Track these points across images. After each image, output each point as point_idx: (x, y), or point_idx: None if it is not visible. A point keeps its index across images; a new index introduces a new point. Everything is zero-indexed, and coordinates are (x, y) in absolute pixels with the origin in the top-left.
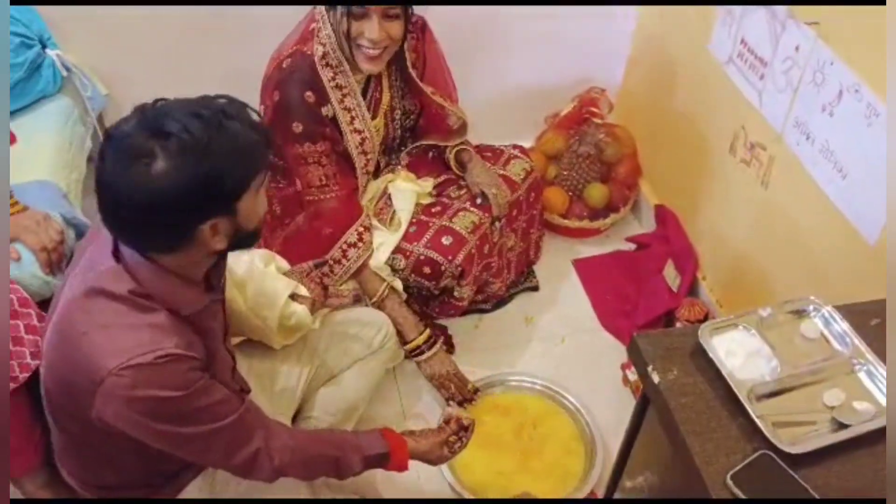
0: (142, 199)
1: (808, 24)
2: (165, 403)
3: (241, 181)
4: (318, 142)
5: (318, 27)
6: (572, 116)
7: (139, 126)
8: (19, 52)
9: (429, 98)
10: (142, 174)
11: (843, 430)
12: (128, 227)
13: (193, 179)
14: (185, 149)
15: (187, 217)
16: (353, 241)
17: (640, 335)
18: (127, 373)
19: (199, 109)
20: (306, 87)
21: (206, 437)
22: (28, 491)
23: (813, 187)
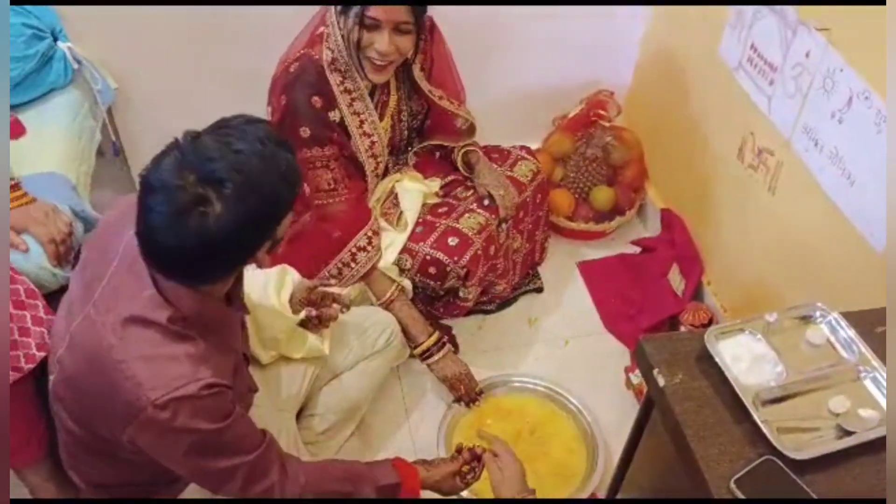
0: (202, 246)
1: (818, 30)
2: (201, 437)
3: (291, 199)
4: (325, 146)
5: (327, 32)
6: (580, 119)
7: (184, 172)
8: (31, 44)
9: (433, 100)
10: (199, 223)
11: (847, 437)
12: (182, 271)
13: (252, 217)
14: (240, 192)
15: (246, 250)
16: (363, 244)
17: (646, 338)
18: (168, 405)
19: (236, 143)
20: (313, 92)
21: (230, 470)
22: (31, 483)
23: (820, 194)
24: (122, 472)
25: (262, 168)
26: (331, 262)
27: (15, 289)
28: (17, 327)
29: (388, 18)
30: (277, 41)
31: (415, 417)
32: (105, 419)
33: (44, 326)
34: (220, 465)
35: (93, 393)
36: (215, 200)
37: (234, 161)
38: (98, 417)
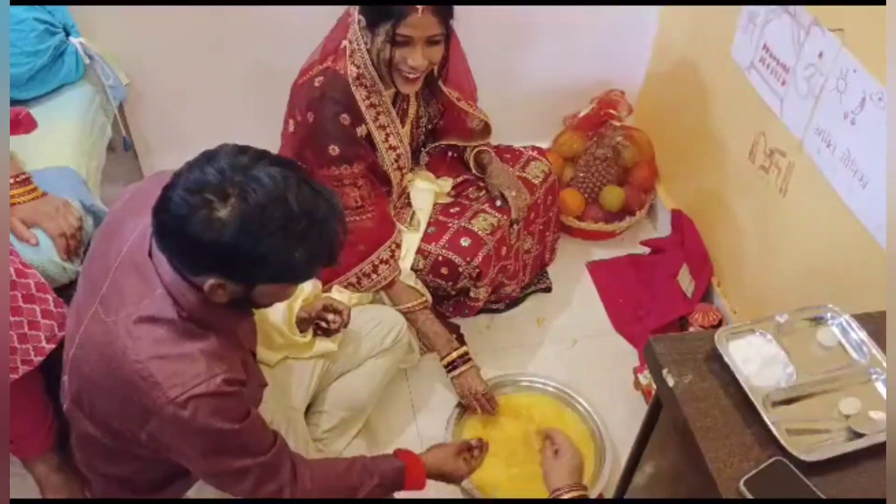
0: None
1: (832, 30)
2: (219, 436)
3: (276, 277)
4: (354, 163)
5: (351, 48)
6: (591, 118)
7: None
8: (43, 39)
9: (452, 101)
10: (207, 213)
11: (858, 439)
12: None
13: (249, 239)
14: (250, 208)
15: (205, 264)
16: (386, 257)
17: (656, 338)
18: (188, 403)
19: (287, 189)
20: (341, 109)
21: (243, 470)
22: (39, 473)
23: (832, 195)
24: (135, 468)
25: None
26: (350, 271)
27: (25, 283)
28: (27, 320)
29: (420, 35)
30: (289, 39)
31: (422, 417)
32: (122, 418)
33: (53, 320)
34: (235, 465)
35: (110, 393)
36: (230, 203)
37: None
38: (115, 416)
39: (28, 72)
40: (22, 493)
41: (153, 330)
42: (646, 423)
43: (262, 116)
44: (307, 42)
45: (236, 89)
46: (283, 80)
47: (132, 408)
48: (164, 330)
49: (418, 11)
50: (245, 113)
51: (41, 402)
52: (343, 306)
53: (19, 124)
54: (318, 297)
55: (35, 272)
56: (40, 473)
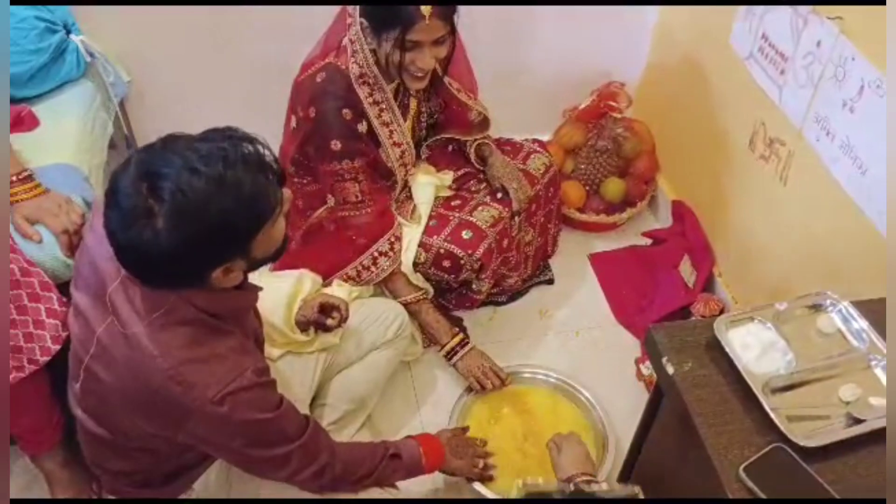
0: (147, 254)
1: (830, 18)
2: (259, 426)
3: (251, 227)
4: (355, 158)
5: (354, 48)
6: (591, 110)
7: (137, 180)
8: (44, 37)
9: (452, 94)
10: (143, 233)
11: (857, 424)
12: (144, 276)
13: (193, 237)
14: (179, 211)
15: (195, 267)
16: (385, 249)
17: (656, 327)
18: (225, 400)
19: (197, 163)
20: (343, 104)
21: (286, 456)
22: (46, 469)
23: (832, 184)
24: (142, 464)
25: (212, 193)
26: (350, 265)
27: (29, 281)
28: (32, 320)
29: (428, 38)
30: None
31: (425, 410)
32: (154, 422)
33: (58, 319)
34: (277, 453)
35: (136, 402)
36: (158, 215)
37: (183, 181)
38: (140, 422)
39: (29, 70)
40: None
41: (177, 335)
42: (647, 413)
43: (263, 113)
44: (308, 39)
45: (237, 86)
46: (285, 77)
47: (165, 413)
48: (187, 333)
49: (426, 18)
50: (246, 110)
51: (48, 399)
52: (340, 301)
53: (21, 122)
54: (318, 294)
55: (39, 271)
56: (48, 469)
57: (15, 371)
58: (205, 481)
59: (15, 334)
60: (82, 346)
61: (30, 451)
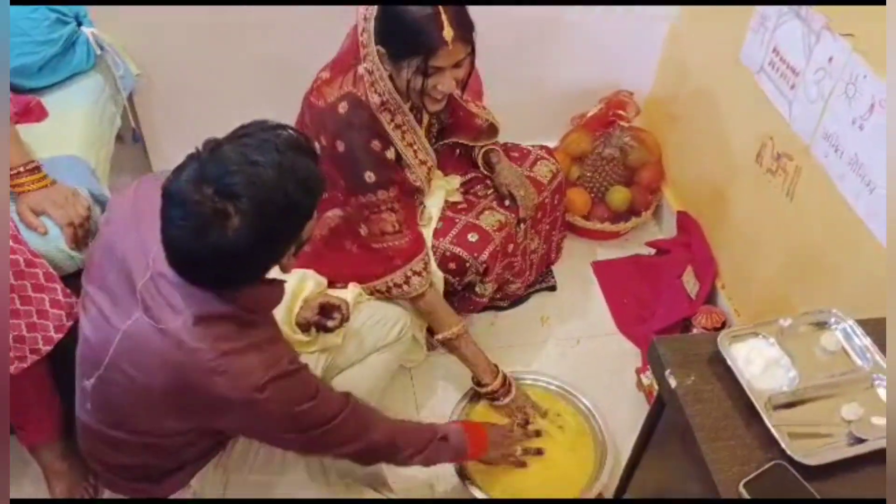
0: (223, 258)
1: (843, 35)
2: (302, 411)
3: (311, 207)
4: (389, 188)
5: (372, 79)
6: (599, 118)
7: (203, 185)
8: (54, 29)
9: (459, 101)
10: (219, 236)
11: (859, 444)
12: (207, 280)
13: (269, 227)
14: (256, 203)
15: (269, 258)
16: (419, 269)
17: (659, 339)
18: (266, 387)
19: (254, 156)
20: (371, 135)
21: (326, 435)
22: (45, 460)
23: (839, 200)
24: (150, 459)
25: (278, 180)
26: (380, 279)
27: (34, 272)
28: (35, 310)
29: (451, 62)
30: (300, 31)
31: (425, 414)
32: (190, 415)
33: (62, 309)
34: (317, 433)
35: (173, 395)
36: (234, 214)
37: (252, 174)
38: (175, 415)
39: (40, 61)
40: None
41: (215, 329)
42: (647, 424)
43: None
44: (318, 35)
45: (246, 82)
46: (294, 73)
47: (204, 405)
48: (225, 326)
49: (448, 44)
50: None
51: (48, 390)
52: (341, 302)
53: (30, 113)
54: (320, 294)
55: (44, 262)
56: (45, 461)
57: (17, 361)
58: (202, 476)
59: (18, 324)
60: (101, 343)
61: (28, 442)
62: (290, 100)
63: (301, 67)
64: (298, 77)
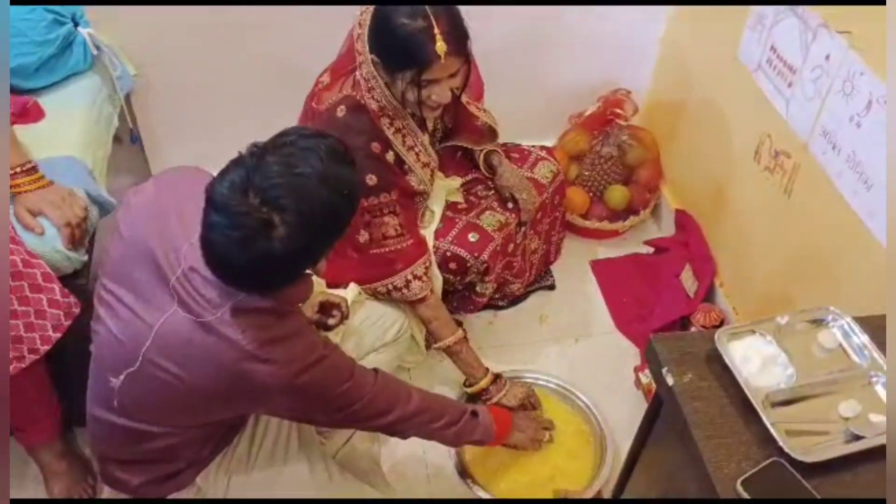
0: (267, 265)
1: (840, 33)
2: (341, 391)
3: (351, 215)
4: (391, 191)
5: (369, 85)
6: (597, 117)
7: (248, 194)
8: (51, 29)
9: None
10: (264, 247)
11: (857, 441)
12: (248, 285)
13: (313, 237)
14: (301, 216)
15: (309, 263)
16: (420, 273)
17: (657, 337)
18: (307, 371)
19: (299, 165)
20: (371, 138)
21: (365, 409)
22: (44, 460)
23: (837, 197)
24: (174, 451)
25: (321, 189)
26: (380, 282)
27: (31, 272)
28: (33, 310)
29: (445, 74)
30: (299, 32)
31: None
32: (232, 404)
33: (60, 309)
34: (354, 409)
35: (216, 386)
36: (279, 225)
37: (297, 184)
38: (218, 405)
39: (37, 61)
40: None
41: (254, 319)
42: (645, 422)
43: (269, 110)
44: (318, 36)
45: (245, 82)
46: (292, 74)
47: (247, 393)
48: (262, 317)
49: (441, 58)
50: (251, 106)
51: (47, 390)
52: (340, 299)
53: (27, 113)
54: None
55: (41, 262)
56: (44, 460)
57: (16, 361)
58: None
59: (16, 325)
60: (132, 340)
61: (27, 442)
62: (289, 100)
63: (301, 68)
64: (298, 77)
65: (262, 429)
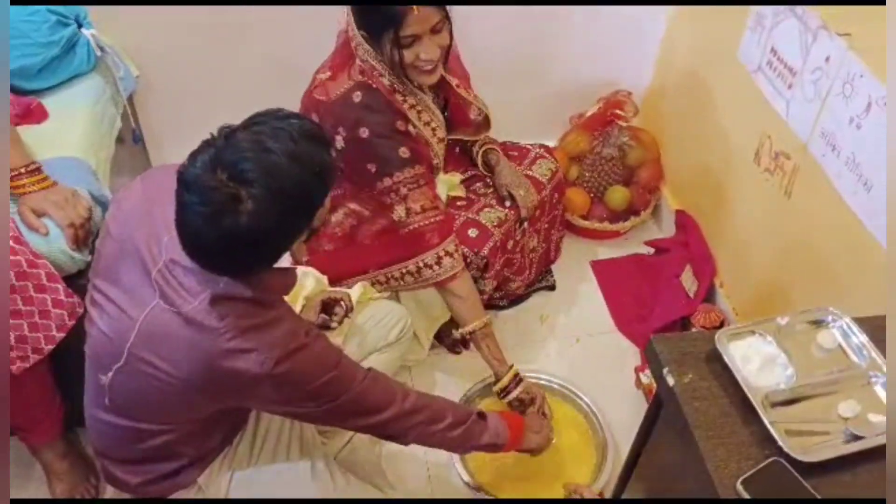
0: (240, 241)
1: (839, 35)
2: (327, 380)
3: (322, 195)
4: (423, 163)
5: (370, 66)
6: (597, 118)
7: (217, 170)
8: (55, 30)
9: (452, 89)
10: (234, 222)
11: (856, 441)
12: (221, 265)
13: (281, 213)
14: (268, 189)
15: (282, 243)
16: (451, 250)
17: (657, 338)
18: (287, 359)
19: (268, 142)
20: (394, 115)
21: (355, 402)
22: (46, 460)
23: (836, 199)
24: (172, 449)
25: (291, 167)
26: (411, 260)
27: (36, 273)
28: (37, 310)
29: (423, 29)
30: (300, 33)
31: None
32: (219, 396)
33: (64, 309)
34: (343, 401)
35: (200, 378)
36: (246, 199)
37: (265, 160)
38: (206, 397)
39: (40, 62)
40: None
41: (233, 308)
42: (646, 422)
43: None
44: (318, 35)
45: (246, 82)
46: (292, 74)
47: (232, 385)
48: (242, 306)
49: (414, 10)
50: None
51: (50, 390)
52: (343, 294)
53: (30, 114)
54: (321, 292)
55: (46, 262)
56: (47, 460)
57: (20, 361)
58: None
59: (20, 324)
60: (118, 335)
61: (30, 442)
62: (289, 100)
63: (301, 68)
64: (298, 77)
65: (264, 429)
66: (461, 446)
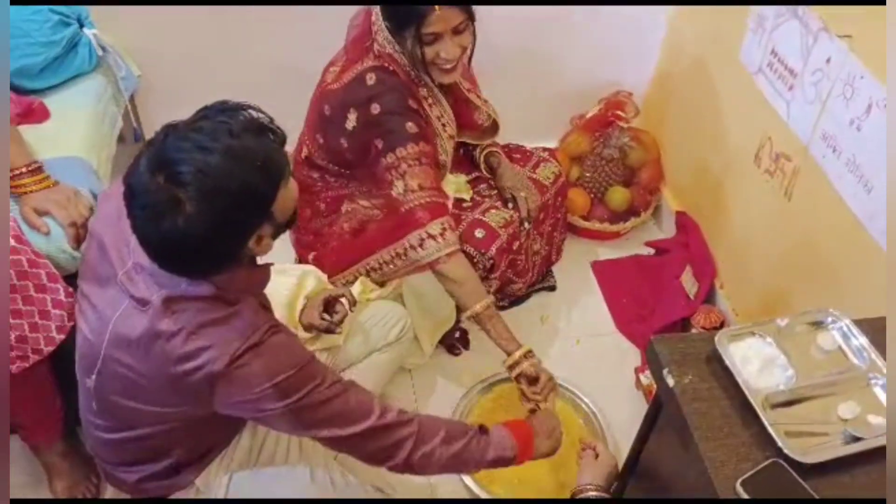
0: (184, 243)
1: (840, 37)
2: (291, 378)
3: (270, 190)
4: (429, 143)
5: (388, 52)
6: (598, 119)
7: (153, 175)
8: (57, 30)
9: (462, 94)
10: (173, 225)
11: (856, 442)
12: (176, 267)
13: (223, 213)
14: (204, 190)
15: (231, 243)
16: (435, 233)
17: (658, 339)
18: (245, 354)
19: (206, 142)
20: (406, 94)
21: (326, 408)
22: (47, 460)
23: (837, 201)
24: (157, 453)
25: (228, 165)
26: (399, 242)
27: (37, 272)
28: (38, 310)
29: (445, 28)
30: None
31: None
32: (184, 397)
33: (64, 309)
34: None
35: (165, 379)
36: (185, 201)
37: (200, 161)
38: (173, 397)
39: (42, 62)
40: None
41: (189, 305)
42: (645, 423)
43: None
44: (318, 35)
45: (247, 84)
46: (294, 75)
47: (194, 385)
48: (202, 303)
49: (436, 9)
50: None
51: (50, 390)
52: (343, 291)
53: (32, 113)
54: (322, 291)
55: (47, 262)
56: (48, 460)
57: (19, 361)
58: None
59: (21, 324)
60: (97, 337)
61: (31, 443)
62: (290, 100)
63: (301, 67)
64: (298, 77)
65: (263, 430)
66: (465, 464)
